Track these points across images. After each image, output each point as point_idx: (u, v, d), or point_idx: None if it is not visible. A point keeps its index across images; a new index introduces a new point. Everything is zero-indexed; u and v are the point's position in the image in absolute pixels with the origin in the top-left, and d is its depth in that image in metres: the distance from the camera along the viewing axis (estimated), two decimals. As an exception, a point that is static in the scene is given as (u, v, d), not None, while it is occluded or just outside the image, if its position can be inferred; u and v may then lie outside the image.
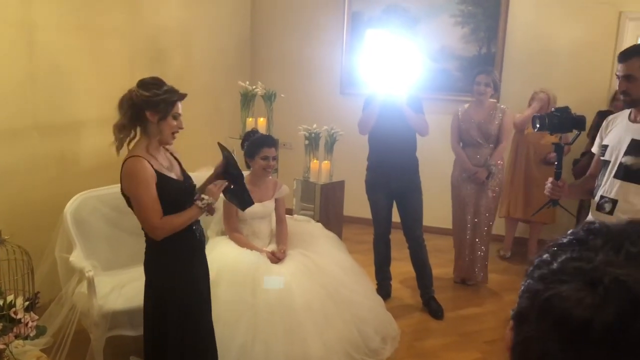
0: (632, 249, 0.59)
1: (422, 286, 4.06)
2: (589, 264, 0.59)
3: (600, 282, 0.56)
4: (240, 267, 3.12)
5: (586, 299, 0.56)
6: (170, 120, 2.33)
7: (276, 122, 4.49)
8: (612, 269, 0.57)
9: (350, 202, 4.85)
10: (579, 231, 0.65)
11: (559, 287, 0.58)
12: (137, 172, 2.28)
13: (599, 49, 5.06)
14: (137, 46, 4.33)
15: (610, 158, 2.55)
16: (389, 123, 3.81)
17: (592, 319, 0.55)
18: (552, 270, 0.61)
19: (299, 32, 5.86)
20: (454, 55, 5.33)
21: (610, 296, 0.55)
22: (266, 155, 3.32)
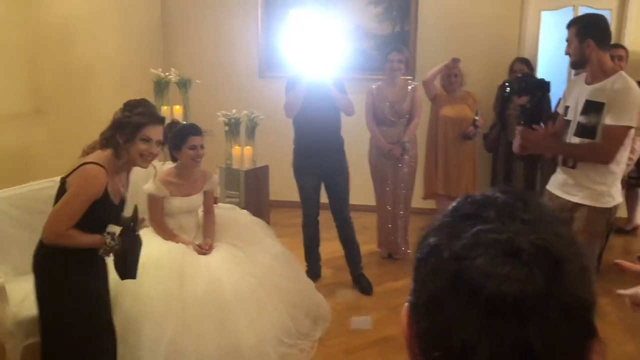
0: (524, 216, 0.59)
1: (351, 263, 4.12)
2: (502, 234, 0.57)
3: (522, 251, 0.55)
4: (166, 261, 3.04)
5: (513, 272, 0.54)
6: (138, 144, 2.29)
7: (193, 109, 4.38)
8: (531, 235, 0.56)
9: (276, 187, 4.83)
10: (463, 206, 0.63)
11: (474, 262, 0.55)
12: (91, 182, 2.25)
13: (504, 25, 5.26)
14: (37, 37, 4.07)
15: (571, 117, 2.83)
16: (315, 105, 3.80)
17: (525, 291, 0.54)
18: (464, 245, 0.57)
19: (212, 16, 5.71)
20: (369, 34, 5.38)
21: (536, 264, 0.54)
22: (194, 144, 3.22)
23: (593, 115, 2.72)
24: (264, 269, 3.28)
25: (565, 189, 2.87)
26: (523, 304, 0.54)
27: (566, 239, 0.59)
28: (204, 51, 5.72)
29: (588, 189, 2.77)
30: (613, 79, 2.71)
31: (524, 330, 0.54)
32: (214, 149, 4.78)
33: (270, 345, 3.08)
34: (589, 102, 2.74)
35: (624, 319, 3.58)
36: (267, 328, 3.10)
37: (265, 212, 4.38)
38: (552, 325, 0.54)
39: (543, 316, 0.54)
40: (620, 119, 2.64)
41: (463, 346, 0.55)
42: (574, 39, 2.78)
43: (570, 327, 0.55)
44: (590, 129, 2.72)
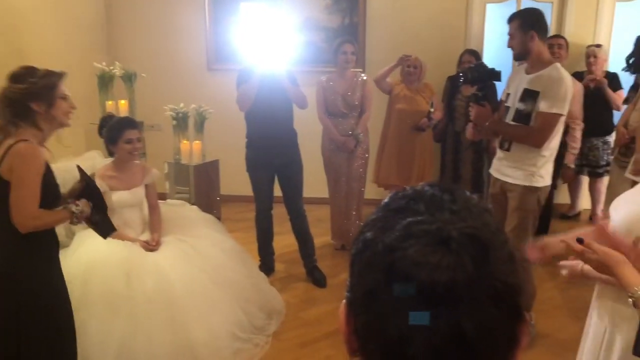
0: (453, 207, 0.60)
1: (305, 256, 4.12)
2: (432, 224, 0.58)
3: (451, 239, 0.56)
4: (112, 259, 2.97)
5: (443, 260, 0.55)
6: (60, 104, 2.21)
7: (140, 103, 4.27)
8: (457, 225, 0.58)
9: (226, 181, 4.77)
10: (394, 201, 0.64)
11: (406, 251, 0.57)
12: (32, 156, 2.14)
13: (451, 17, 5.34)
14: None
15: (510, 104, 3.05)
16: (267, 98, 3.74)
17: (455, 278, 0.55)
18: (396, 237, 0.58)
19: (159, 7, 5.56)
20: (319, 26, 5.37)
21: (465, 252, 0.56)
22: (130, 138, 3.14)
23: (529, 102, 2.94)
24: (215, 264, 3.24)
25: (502, 170, 3.13)
26: (454, 290, 0.55)
27: (492, 227, 0.61)
28: (150, 44, 5.58)
29: (520, 170, 3.01)
30: (549, 69, 2.92)
31: (456, 317, 0.55)
32: (162, 144, 4.70)
33: (224, 340, 3.05)
34: (526, 90, 2.96)
35: (569, 301, 3.72)
36: (220, 323, 3.07)
37: (216, 208, 4.33)
38: (482, 310, 0.56)
39: (474, 302, 0.56)
40: (552, 106, 2.87)
41: (399, 336, 0.56)
42: (518, 32, 2.95)
43: (499, 311, 0.57)
44: (525, 115, 2.95)
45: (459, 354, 0.56)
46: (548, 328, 3.43)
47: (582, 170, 5.11)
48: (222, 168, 4.65)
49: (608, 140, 4.86)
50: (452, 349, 0.55)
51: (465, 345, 0.55)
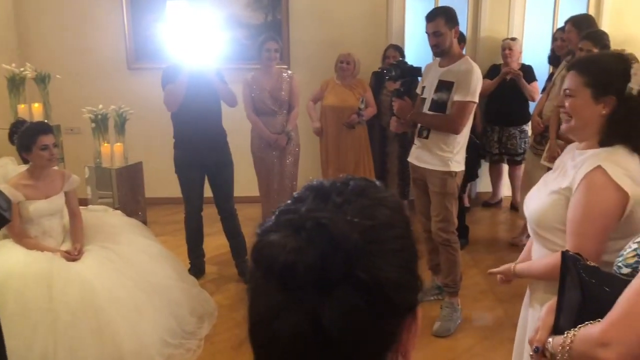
0: (337, 199, 0.62)
1: (237, 256, 4.07)
2: (295, 214, 0.61)
3: (303, 228, 0.59)
4: (31, 272, 2.84)
5: (290, 244, 0.58)
6: None
7: (55, 106, 4.08)
8: (316, 214, 0.60)
9: (151, 184, 4.64)
10: (300, 191, 0.67)
11: (269, 237, 0.60)
12: None
13: (373, 13, 5.42)
14: None
15: (426, 96, 3.28)
16: (196, 96, 3.65)
17: (296, 262, 0.57)
18: (268, 226, 0.62)
19: (73, 6, 5.31)
20: (241, 23, 5.31)
21: (312, 239, 0.58)
22: (45, 144, 2.99)
23: (444, 92, 3.18)
24: (141, 271, 3.16)
25: (421, 157, 3.33)
26: (299, 274, 0.57)
27: (378, 221, 0.62)
28: (64, 42, 5.30)
29: (438, 156, 3.24)
30: (461, 62, 3.19)
31: (312, 302, 0.57)
32: (81, 147, 4.51)
33: (154, 348, 2.98)
34: (441, 81, 3.19)
35: (493, 287, 3.88)
36: (150, 331, 2.99)
37: (141, 211, 4.20)
38: (342, 300, 0.57)
39: (330, 290, 0.57)
40: (466, 95, 3.11)
41: (264, 317, 0.60)
42: (445, 29, 3.13)
43: (368, 304, 0.57)
44: (441, 104, 3.19)
45: (318, 339, 0.57)
46: (475, 313, 3.56)
47: (502, 159, 5.34)
48: (145, 170, 4.51)
49: (525, 129, 5.09)
50: (311, 334, 0.57)
51: (324, 331, 0.56)
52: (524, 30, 5.52)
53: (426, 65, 3.50)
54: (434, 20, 3.14)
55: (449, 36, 3.15)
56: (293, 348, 0.58)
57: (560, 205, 1.62)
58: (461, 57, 3.23)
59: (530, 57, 5.24)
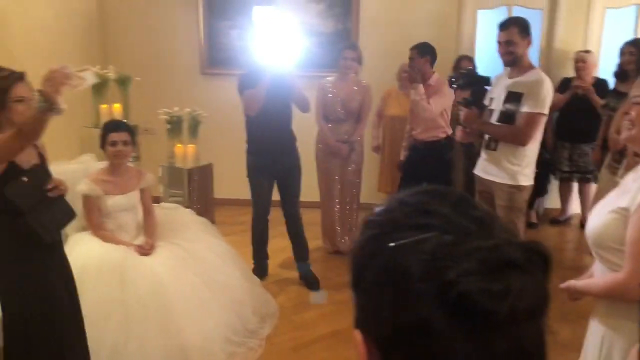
0: (477, 213, 0.58)
1: (299, 259, 4.13)
2: (487, 242, 0.54)
3: (514, 263, 0.53)
4: (106, 263, 2.97)
5: (527, 283, 0.53)
6: (15, 107, 2.18)
7: (134, 107, 4.28)
8: (508, 247, 0.54)
9: (219, 185, 4.78)
10: (410, 200, 0.60)
11: (469, 279, 0.51)
12: None
13: (444, 23, 5.39)
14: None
15: (494, 107, 3.23)
16: (272, 102, 3.70)
17: (536, 301, 0.54)
18: (458, 255, 0.53)
19: (153, 12, 5.57)
20: (312, 31, 5.39)
21: (534, 269, 0.54)
22: (114, 141, 3.13)
23: (513, 104, 3.13)
24: (208, 268, 3.25)
25: (487, 170, 3.28)
26: (535, 313, 0.53)
27: None
28: (144, 47, 5.59)
29: (505, 169, 3.17)
30: (531, 73, 3.15)
31: (517, 335, 0.53)
32: (156, 147, 4.70)
33: (218, 344, 3.06)
34: (510, 92, 3.15)
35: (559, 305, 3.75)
36: (214, 327, 3.08)
37: (209, 211, 4.34)
38: (540, 324, 0.55)
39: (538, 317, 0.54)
40: (535, 106, 3.06)
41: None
42: (518, 39, 3.09)
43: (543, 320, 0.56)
44: (509, 116, 3.14)
45: None
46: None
47: (572, 177, 5.17)
48: (215, 172, 4.66)
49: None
50: None
51: None
52: (601, 43, 5.33)
53: (495, 77, 3.46)
54: (507, 29, 3.11)
55: (521, 46, 3.11)
56: None
57: (618, 225, 1.58)
58: (531, 68, 3.19)
59: (607, 72, 5.05)
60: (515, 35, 3.09)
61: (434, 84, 4.28)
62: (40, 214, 2.25)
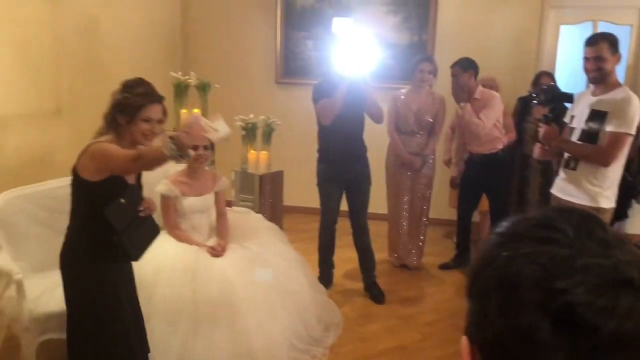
0: (603, 235, 0.57)
1: (365, 271, 4.11)
2: (606, 259, 0.53)
3: (629, 282, 0.51)
4: (179, 263, 3.05)
5: (632, 305, 0.50)
6: (139, 124, 2.29)
7: (211, 112, 4.39)
8: (627, 266, 0.52)
9: (289, 192, 4.83)
10: (532, 220, 0.60)
11: (579, 291, 0.51)
12: (108, 148, 2.24)
13: (524, 38, 5.25)
14: (62, 37, 4.12)
15: (575, 125, 3.12)
16: (346, 111, 3.72)
17: (628, 330, 0.50)
18: (572, 268, 0.52)
19: (232, 22, 5.76)
20: (387, 43, 5.39)
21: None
22: (196, 145, 3.23)
23: (596, 122, 3.00)
24: (276, 273, 3.28)
25: (566, 190, 3.15)
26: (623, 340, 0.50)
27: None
28: (223, 55, 5.78)
29: (585, 190, 3.05)
30: (617, 91, 3.01)
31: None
32: (230, 152, 4.81)
33: (282, 349, 3.08)
34: (593, 111, 3.02)
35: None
36: (279, 331, 3.11)
37: (278, 217, 4.39)
38: None
39: None
40: (621, 126, 2.92)
41: None
42: (608, 55, 2.98)
43: None
44: (592, 135, 3.02)
45: None
46: None
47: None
48: (285, 178, 4.72)
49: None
50: None
51: None
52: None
53: (578, 94, 3.33)
54: (596, 45, 2.99)
55: (610, 62, 2.99)
56: None
57: None
58: (618, 86, 3.04)
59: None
60: (604, 51, 2.97)
61: (480, 97, 4.21)
62: (133, 234, 2.33)
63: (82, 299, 2.37)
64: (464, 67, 4.18)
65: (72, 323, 2.40)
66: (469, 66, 4.20)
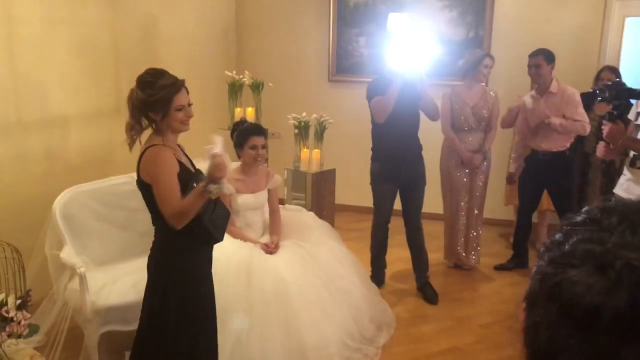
0: None
1: (418, 271, 4.06)
2: (600, 246, 0.56)
3: (611, 267, 0.53)
4: (234, 259, 3.09)
5: (596, 284, 0.53)
6: (174, 114, 2.30)
7: (264, 111, 4.45)
8: (625, 252, 0.54)
9: (340, 190, 4.82)
10: (593, 209, 0.61)
11: (568, 271, 0.56)
12: (162, 158, 2.27)
13: (586, 32, 5.06)
14: (120, 38, 4.26)
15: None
16: (400, 109, 3.67)
17: (602, 306, 0.52)
18: (562, 252, 0.58)
19: (286, 21, 5.80)
20: (443, 39, 5.29)
21: (621, 282, 0.53)
22: (254, 145, 3.27)
23: None
24: (328, 271, 3.28)
25: (632, 190, 3.01)
26: (600, 317, 0.53)
27: None
28: (276, 54, 5.82)
29: None
30: None
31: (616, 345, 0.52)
32: (283, 151, 4.86)
33: (334, 347, 3.08)
34: None
35: None
36: (331, 330, 3.10)
37: (330, 216, 4.38)
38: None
39: (632, 336, 0.52)
40: None
41: (551, 350, 0.56)
42: None
43: None
44: None
45: None
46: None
47: None
48: (336, 177, 4.71)
49: None
50: None
51: None
52: None
53: None
54: None
55: None
56: None
57: None
58: None
59: None
60: None
61: (556, 91, 4.08)
62: (212, 215, 2.36)
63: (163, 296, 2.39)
64: (548, 59, 4.08)
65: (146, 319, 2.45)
66: (552, 58, 4.10)
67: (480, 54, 4.21)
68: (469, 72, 4.17)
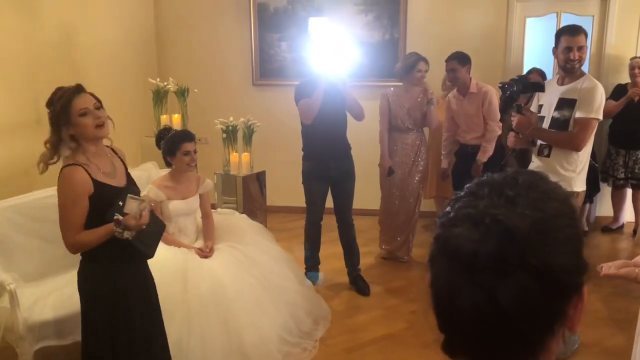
0: (509, 193, 0.71)
1: (350, 265, 4.22)
2: (474, 209, 0.70)
3: (482, 222, 0.68)
4: (169, 265, 3.10)
5: (472, 235, 0.68)
6: (80, 120, 2.21)
7: (190, 117, 4.46)
8: (492, 210, 0.69)
9: (271, 192, 4.91)
10: (472, 185, 0.76)
11: (453, 230, 0.70)
12: (69, 184, 2.18)
13: (493, 32, 5.41)
14: (37, 47, 4.14)
15: (545, 114, 3.27)
16: (327, 110, 3.83)
17: (477, 250, 0.66)
18: (449, 217, 0.73)
19: (206, 27, 5.81)
20: (360, 42, 5.50)
21: (490, 232, 0.67)
22: (187, 150, 3.30)
23: (566, 110, 3.17)
24: (264, 270, 3.36)
25: None
26: (477, 258, 0.67)
27: (548, 213, 0.70)
28: (198, 60, 5.82)
29: (560, 175, 3.15)
30: (583, 79, 3.19)
31: (491, 285, 0.66)
32: (212, 155, 4.88)
33: (274, 344, 3.17)
34: (562, 99, 3.19)
35: (613, 312, 3.72)
36: (270, 327, 3.19)
37: (262, 217, 4.47)
38: (517, 283, 0.66)
39: (506, 275, 0.65)
40: (590, 112, 3.10)
41: (447, 294, 0.70)
42: (586, 44, 3.15)
43: (540, 286, 0.66)
44: (562, 122, 3.18)
45: (495, 314, 0.66)
46: (594, 338, 3.44)
47: (627, 183, 5.10)
48: (267, 179, 4.80)
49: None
50: (488, 309, 0.66)
51: (500, 307, 0.66)
52: (655, 48, 5.26)
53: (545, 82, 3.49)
54: (579, 35, 3.13)
55: (586, 51, 3.17)
56: (472, 319, 0.68)
57: None
58: (582, 74, 3.22)
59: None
60: (585, 41, 3.14)
61: (476, 90, 4.34)
62: (140, 233, 2.28)
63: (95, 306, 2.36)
64: (462, 62, 4.30)
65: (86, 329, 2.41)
66: (467, 60, 4.32)
67: (413, 59, 4.33)
68: (404, 76, 4.35)
